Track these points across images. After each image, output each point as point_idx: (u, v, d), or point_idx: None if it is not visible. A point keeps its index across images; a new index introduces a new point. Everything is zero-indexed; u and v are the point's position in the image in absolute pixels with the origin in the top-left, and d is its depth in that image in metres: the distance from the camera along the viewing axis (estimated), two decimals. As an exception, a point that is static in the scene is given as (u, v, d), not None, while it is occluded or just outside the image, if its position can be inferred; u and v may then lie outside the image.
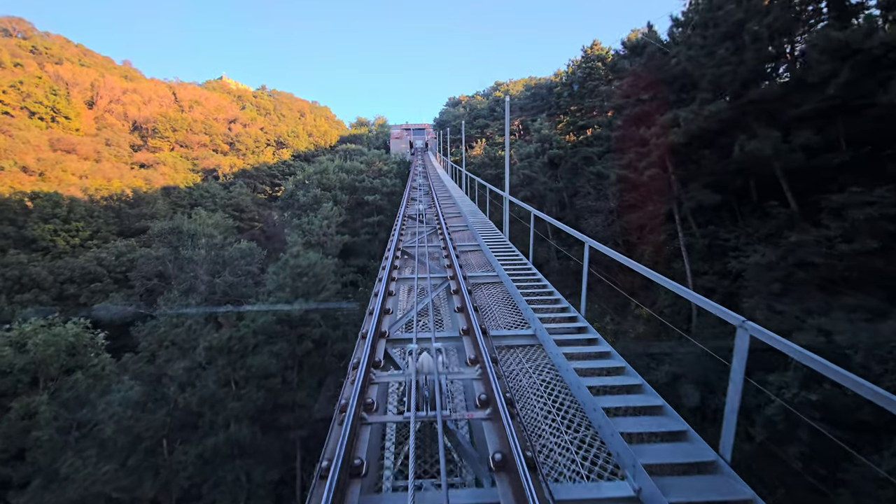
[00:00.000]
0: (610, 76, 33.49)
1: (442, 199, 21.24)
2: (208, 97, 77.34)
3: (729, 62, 14.75)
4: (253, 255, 32.20)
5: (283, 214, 42.29)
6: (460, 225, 14.32)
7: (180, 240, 29.70)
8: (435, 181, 30.94)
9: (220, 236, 33.70)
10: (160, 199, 48.66)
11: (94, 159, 57.18)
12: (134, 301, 28.35)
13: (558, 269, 25.91)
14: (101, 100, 68.39)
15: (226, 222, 45.51)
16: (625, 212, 22.21)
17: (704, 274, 15.09)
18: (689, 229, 17.84)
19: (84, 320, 22.50)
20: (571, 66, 40.71)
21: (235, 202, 55.47)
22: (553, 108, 40.28)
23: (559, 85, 44.60)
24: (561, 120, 37.88)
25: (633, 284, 21.61)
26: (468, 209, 17.15)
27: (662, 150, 16.28)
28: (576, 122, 34.43)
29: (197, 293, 28.15)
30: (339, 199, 39.02)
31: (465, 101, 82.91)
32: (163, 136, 66.17)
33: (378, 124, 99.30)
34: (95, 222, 41.93)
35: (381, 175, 42.89)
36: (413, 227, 14.10)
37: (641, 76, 17.98)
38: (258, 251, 32.90)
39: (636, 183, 18.50)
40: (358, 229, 42.01)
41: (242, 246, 31.81)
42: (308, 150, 77.82)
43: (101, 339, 22.31)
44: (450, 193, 23.10)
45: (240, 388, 14.65)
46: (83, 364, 21.19)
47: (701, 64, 14.96)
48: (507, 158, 11.60)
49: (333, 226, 27.01)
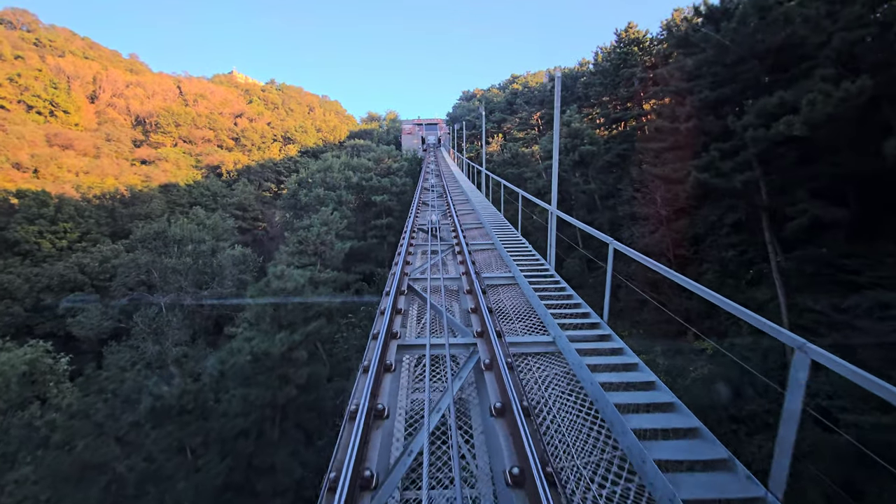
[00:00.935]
0: (648, 61, 29.47)
1: (459, 206, 17.71)
2: (214, 91, 74.74)
3: (867, 22, 10.79)
4: (247, 261, 29.08)
5: (285, 215, 39.16)
6: (485, 244, 10.83)
7: (166, 245, 26.68)
8: (449, 181, 27.39)
9: (210, 241, 30.67)
10: (157, 197, 45.95)
11: (92, 155, 54.83)
12: (112, 315, 25.42)
13: (592, 283, 22.31)
14: (104, 93, 66.19)
15: (224, 223, 42.60)
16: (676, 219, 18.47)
17: (809, 311, 11.40)
18: (785, 250, 13.94)
19: (44, 343, 19.56)
20: (601, 54, 36.70)
21: (238, 201, 52.65)
22: (581, 100, 36.37)
23: (585, 74, 40.56)
24: (590, 112, 34.02)
25: (690, 310, 17.87)
26: (492, 219, 13.67)
27: (760, 146, 12.48)
28: (609, 114, 30.46)
29: (181, 308, 25.13)
30: (345, 200, 35.71)
31: (479, 94, 79.01)
32: (165, 132, 63.69)
33: (389, 119, 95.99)
34: (86, 223, 39.36)
35: (391, 173, 39.44)
36: (424, 245, 10.72)
37: (725, 50, 14.04)
38: (252, 257, 29.76)
39: (705, 186, 14.63)
40: (365, 232, 38.76)
41: (235, 252, 28.70)
42: (316, 145, 74.82)
43: (63, 365, 19.36)
44: (467, 197, 19.58)
45: (197, 457, 11.43)
46: (43, 394, 18.28)
47: (819, 28, 11.13)
48: (555, 165, 8.12)
49: (333, 232, 23.68)
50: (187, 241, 26.37)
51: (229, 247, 30.25)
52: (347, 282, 30.62)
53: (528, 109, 43.12)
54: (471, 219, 14.93)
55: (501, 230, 12.27)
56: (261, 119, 74.18)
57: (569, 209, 26.23)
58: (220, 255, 28.81)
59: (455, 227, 11.96)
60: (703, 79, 15.31)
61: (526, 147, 38.54)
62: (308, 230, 23.00)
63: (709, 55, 14.96)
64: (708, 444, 3.03)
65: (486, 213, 14.99)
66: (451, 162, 43.16)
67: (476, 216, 15.27)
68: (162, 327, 22.39)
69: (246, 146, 69.41)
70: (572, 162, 26.48)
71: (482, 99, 65.94)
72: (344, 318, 21.09)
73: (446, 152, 54.84)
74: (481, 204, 17.58)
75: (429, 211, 16.64)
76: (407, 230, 12.08)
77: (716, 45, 14.45)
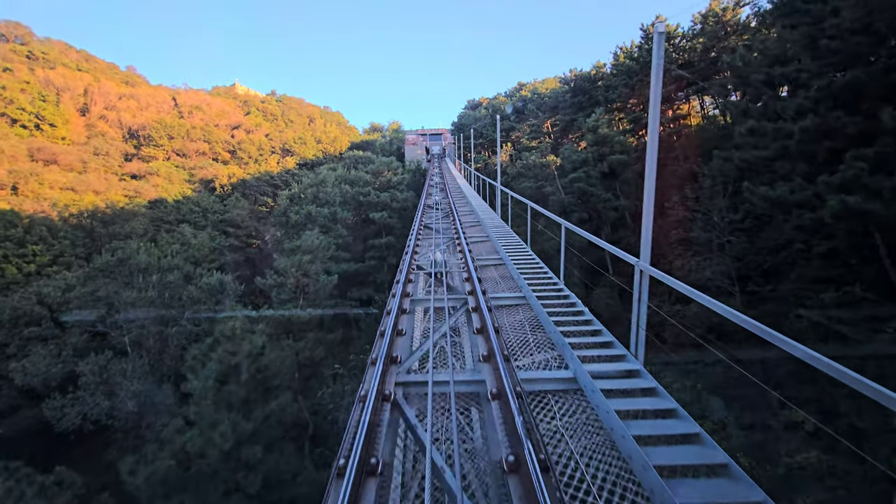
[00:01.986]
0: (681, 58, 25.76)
1: (470, 230, 13.94)
2: (211, 102, 72.13)
3: None
4: (225, 290, 25.42)
5: (276, 234, 35.62)
6: (512, 297, 7.08)
7: (131, 274, 23.13)
8: (456, 197, 23.69)
9: (186, 266, 27.12)
10: (143, 214, 42.65)
11: (78, 170, 51.95)
12: (66, 358, 21.80)
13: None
14: (95, 106, 63.61)
15: (212, 242, 39.19)
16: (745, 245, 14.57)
17: None
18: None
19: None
20: (621, 53, 33.16)
21: (230, 217, 49.28)
22: (598, 105, 32.77)
23: (602, 77, 36.95)
24: (612, 117, 30.36)
25: (771, 365, 13.92)
26: (515, 253, 9.96)
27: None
28: (639, 117, 26.77)
29: (143, 351, 21.48)
30: (340, 217, 32.12)
31: (485, 102, 75.88)
32: (157, 145, 60.84)
33: (392, 129, 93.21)
34: (60, 244, 36.08)
35: (391, 187, 35.85)
36: (426, 300, 7.12)
37: (865, 9, 9.94)
38: (232, 286, 26.09)
39: (857, 213, 10.47)
40: (363, 252, 35.14)
41: (211, 280, 25.03)
42: (316, 157, 71.76)
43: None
44: (478, 218, 15.81)
45: None
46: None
47: None
48: (651, 156, 4.28)
49: (318, 261, 19.98)
50: (154, 270, 22.78)
51: (207, 272, 26.64)
52: (338, 317, 26.89)
53: (540, 116, 39.50)
54: (487, 251, 11.20)
55: (530, 271, 8.52)
56: (259, 131, 71.33)
57: (596, 229, 22.44)
58: (198, 281, 25.23)
59: (468, 269, 8.26)
60: (822, 58, 11.30)
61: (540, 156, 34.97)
62: (290, 257, 19.34)
63: (836, 23, 10.86)
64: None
65: (507, 244, 11.23)
66: (458, 174, 39.58)
67: (492, 246, 11.54)
68: (114, 376, 18.73)
69: (242, 159, 66.43)
70: (600, 174, 22.69)
71: (489, 107, 62.67)
72: (331, 368, 17.28)
73: (451, 163, 51.40)
74: (498, 229, 13.80)
75: (432, 240, 12.86)
76: (403, 272, 8.37)
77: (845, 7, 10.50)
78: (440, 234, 13.17)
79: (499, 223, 15.39)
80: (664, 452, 2.95)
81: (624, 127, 27.27)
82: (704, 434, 3.10)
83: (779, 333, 2.62)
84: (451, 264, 9.69)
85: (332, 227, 32.04)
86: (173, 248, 37.61)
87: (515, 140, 49.46)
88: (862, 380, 2.06)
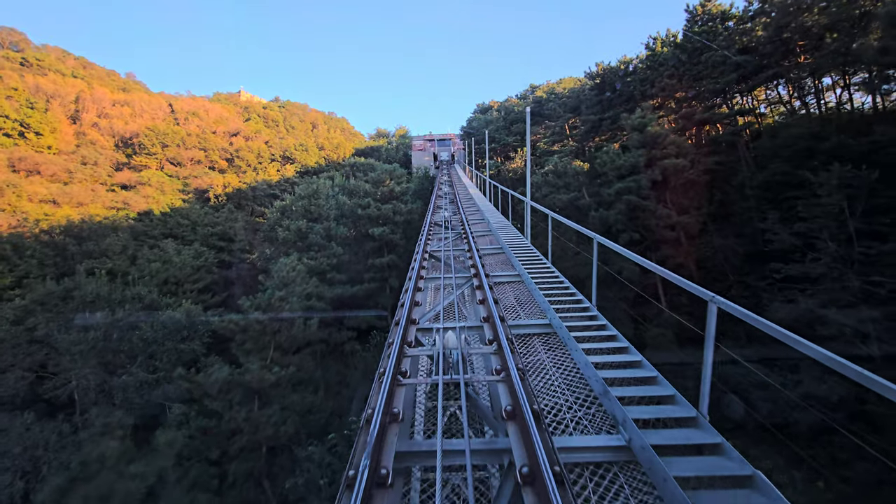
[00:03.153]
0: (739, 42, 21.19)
1: (498, 274, 9.57)
2: (209, 109, 68.97)
3: None
4: (194, 325, 21.28)
5: (265, 251, 31.55)
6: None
7: (77, 309, 19.12)
8: (469, 212, 19.26)
9: (150, 296, 23.09)
10: (123, 229, 38.94)
11: (63, 181, 48.74)
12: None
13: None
14: (87, 113, 60.64)
15: (194, 261, 35.24)
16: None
17: None
18: None
19: None
20: (659, 41, 28.72)
21: (221, 230, 45.43)
22: (634, 99, 28.32)
23: (634, 70, 32.40)
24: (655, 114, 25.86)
25: None
26: (568, 309, 5.74)
27: None
28: (692, 114, 22.08)
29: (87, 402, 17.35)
30: (335, 234, 28.00)
31: (496, 106, 71.67)
32: (150, 153, 57.55)
33: (399, 135, 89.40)
34: (26, 264, 32.42)
35: (394, 198, 31.61)
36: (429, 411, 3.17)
37: None
38: (202, 320, 21.95)
39: None
40: (362, 272, 30.91)
41: (176, 315, 20.90)
42: (318, 164, 68.10)
43: None
44: (501, 244, 11.48)
45: None
46: None
47: None
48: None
49: (296, 298, 15.71)
50: (103, 304, 18.74)
51: (175, 303, 22.57)
52: (328, 352, 22.71)
53: (563, 116, 34.95)
54: (520, 298, 6.90)
55: (595, 346, 4.22)
56: (258, 138, 67.90)
57: (645, 251, 17.88)
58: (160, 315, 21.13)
59: (499, 341, 3.92)
60: None
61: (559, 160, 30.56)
62: (254, 297, 15.14)
63: None
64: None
65: (550, 291, 6.89)
66: (469, 182, 35.24)
67: (527, 292, 7.25)
68: (35, 448, 14.60)
69: (240, 167, 62.95)
70: (650, 182, 18.17)
71: (501, 109, 58.42)
72: (304, 444, 12.92)
73: (461, 170, 47.16)
74: (534, 265, 9.38)
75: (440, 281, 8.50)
76: (397, 338, 4.04)
77: None
78: (453, 273, 8.79)
79: (534, 254, 10.96)
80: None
81: (671, 125, 22.66)
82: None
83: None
84: (471, 353, 5.28)
85: (327, 246, 27.88)
86: (153, 266, 33.78)
87: (532, 144, 45.09)
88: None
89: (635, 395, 3.77)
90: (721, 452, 3.05)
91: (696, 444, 3.14)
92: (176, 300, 28.57)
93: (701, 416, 3.29)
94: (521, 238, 13.54)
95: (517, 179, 43.55)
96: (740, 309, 2.92)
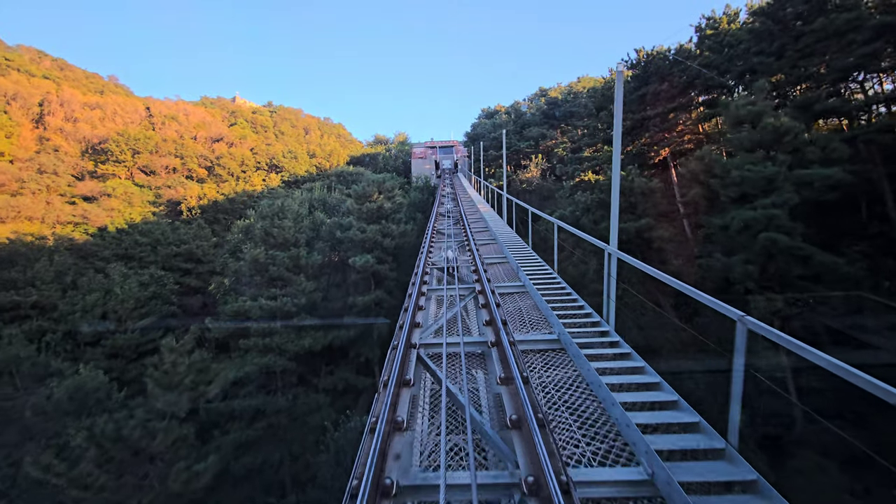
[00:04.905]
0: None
1: (540, 364, 3.31)
2: (190, 112, 63.15)
3: None
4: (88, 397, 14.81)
5: (223, 281, 25.10)
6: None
7: None
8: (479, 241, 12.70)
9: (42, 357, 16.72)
10: (61, 251, 32.69)
11: (11, 192, 42.70)
12: None
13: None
14: (53, 117, 54.80)
15: (142, 291, 28.82)
16: None
17: None
18: None
19: None
20: (725, 20, 22.57)
21: (187, 249, 39.08)
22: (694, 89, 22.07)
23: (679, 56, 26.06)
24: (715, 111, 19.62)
25: None
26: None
27: None
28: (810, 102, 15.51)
29: None
30: (305, 264, 21.56)
31: (502, 109, 65.55)
32: (118, 160, 51.55)
33: (398, 142, 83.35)
34: (-71, 297, 26.19)
35: (383, 217, 25.14)
36: None
37: None
38: (108, 387, 15.49)
39: None
40: (342, 312, 24.49)
41: (70, 384, 14.47)
42: (308, 173, 62.01)
43: None
44: (541, 314, 5.21)
45: None
46: None
47: None
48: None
49: (218, 387, 8.81)
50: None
51: (73, 372, 16.15)
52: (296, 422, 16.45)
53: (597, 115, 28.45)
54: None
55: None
56: (243, 144, 61.98)
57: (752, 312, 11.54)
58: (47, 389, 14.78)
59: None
60: None
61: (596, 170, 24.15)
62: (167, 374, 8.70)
63: None
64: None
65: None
66: (475, 195, 28.90)
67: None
68: None
69: (221, 176, 56.92)
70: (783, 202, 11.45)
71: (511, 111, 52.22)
72: None
73: (466, 180, 40.90)
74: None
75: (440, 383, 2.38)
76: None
77: None
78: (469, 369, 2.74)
79: (573, 300, 4.53)
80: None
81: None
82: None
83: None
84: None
85: (294, 280, 21.48)
86: (89, 299, 27.46)
87: (548, 149, 38.75)
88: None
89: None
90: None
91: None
92: (93, 353, 22.16)
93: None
94: (561, 286, 7.02)
95: (532, 192, 36.88)
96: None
